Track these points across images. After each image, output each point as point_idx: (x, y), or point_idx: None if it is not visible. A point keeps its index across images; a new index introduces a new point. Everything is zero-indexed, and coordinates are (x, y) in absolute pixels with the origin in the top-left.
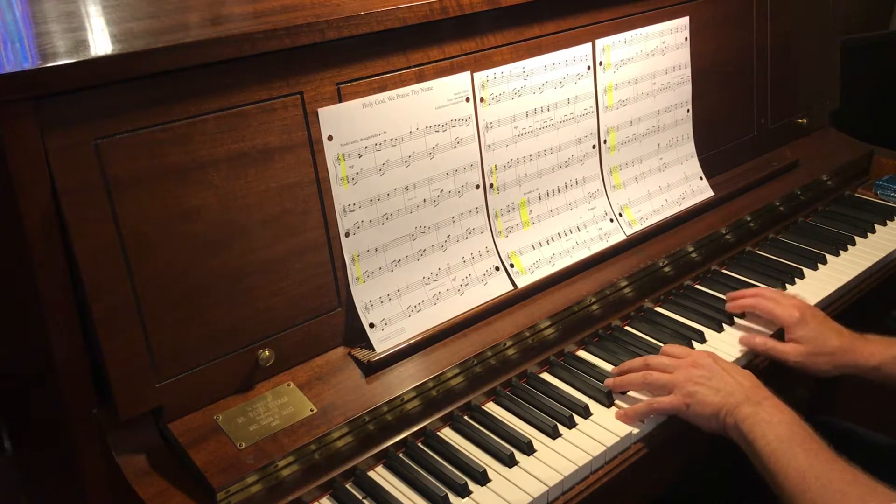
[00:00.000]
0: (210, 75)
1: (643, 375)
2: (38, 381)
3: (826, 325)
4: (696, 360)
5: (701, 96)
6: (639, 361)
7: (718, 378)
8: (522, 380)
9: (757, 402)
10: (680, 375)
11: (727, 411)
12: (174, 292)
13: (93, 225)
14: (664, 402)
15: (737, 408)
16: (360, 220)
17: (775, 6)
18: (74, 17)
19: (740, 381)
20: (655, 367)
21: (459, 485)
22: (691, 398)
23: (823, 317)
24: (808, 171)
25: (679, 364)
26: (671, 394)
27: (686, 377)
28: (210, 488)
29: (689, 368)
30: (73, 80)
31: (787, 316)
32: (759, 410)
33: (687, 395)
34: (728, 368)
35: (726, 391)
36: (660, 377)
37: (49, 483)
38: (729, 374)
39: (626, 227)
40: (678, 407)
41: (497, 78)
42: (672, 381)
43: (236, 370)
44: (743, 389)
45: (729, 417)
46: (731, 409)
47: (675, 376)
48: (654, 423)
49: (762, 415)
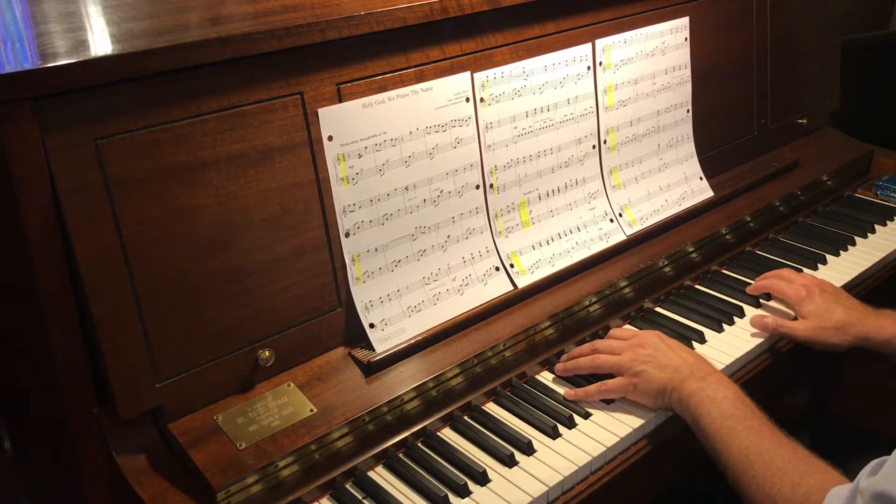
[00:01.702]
0: (210, 75)
1: (591, 359)
2: (38, 381)
3: (836, 300)
4: (641, 340)
5: (701, 96)
6: (587, 346)
7: (664, 355)
8: (522, 380)
9: (702, 378)
10: (626, 357)
11: (673, 387)
12: (174, 292)
13: (93, 225)
14: (612, 384)
15: (682, 383)
16: (360, 221)
17: (775, 6)
18: (74, 17)
19: (685, 358)
20: (603, 350)
21: (459, 485)
22: (638, 377)
23: (835, 292)
24: (808, 171)
25: (625, 346)
26: (619, 375)
27: (632, 357)
28: (210, 488)
29: (635, 349)
30: (73, 80)
31: (794, 293)
32: (704, 387)
33: (634, 374)
34: (673, 346)
35: (672, 367)
36: (607, 359)
37: (49, 483)
38: (674, 351)
39: (626, 228)
40: (626, 387)
41: (497, 78)
42: (619, 362)
43: (236, 370)
44: (688, 365)
45: (675, 393)
46: (676, 384)
47: (621, 358)
48: (654, 422)
49: (707, 391)
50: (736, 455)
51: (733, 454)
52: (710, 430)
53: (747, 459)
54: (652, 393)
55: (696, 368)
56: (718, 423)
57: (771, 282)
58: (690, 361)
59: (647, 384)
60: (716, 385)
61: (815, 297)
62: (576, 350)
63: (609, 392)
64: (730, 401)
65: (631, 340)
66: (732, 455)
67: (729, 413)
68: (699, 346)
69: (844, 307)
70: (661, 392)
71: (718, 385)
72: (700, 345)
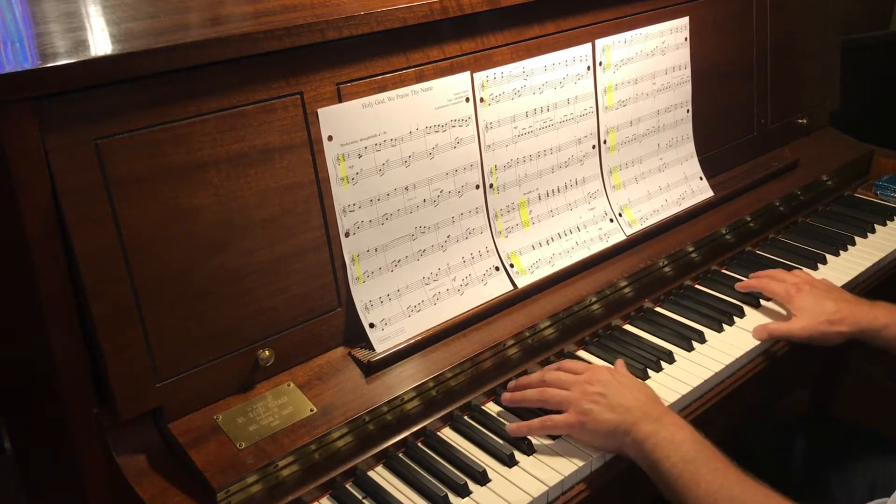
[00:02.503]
0: (210, 75)
1: (539, 392)
2: (38, 381)
3: (827, 294)
4: (591, 376)
5: (701, 96)
6: (536, 377)
7: (614, 394)
8: None
9: (656, 419)
10: (575, 392)
11: (624, 429)
12: (174, 292)
13: (93, 225)
14: (558, 421)
15: (634, 426)
16: (360, 221)
17: (775, 6)
18: (74, 17)
19: (636, 397)
20: (552, 382)
21: (459, 485)
22: (585, 416)
23: (826, 287)
24: (808, 171)
25: (575, 381)
26: (566, 412)
27: (581, 394)
28: (210, 488)
29: (584, 385)
30: (72, 80)
31: (783, 291)
32: (659, 429)
33: (581, 412)
34: (625, 383)
35: (622, 408)
36: (555, 394)
37: (49, 483)
38: (626, 389)
39: (625, 228)
40: (572, 425)
41: (497, 78)
42: (567, 398)
43: (236, 370)
44: (639, 405)
45: (627, 436)
46: (628, 427)
47: (570, 393)
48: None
49: (663, 434)
50: (704, 500)
51: (701, 499)
52: (670, 474)
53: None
54: (601, 433)
55: (650, 409)
56: (680, 468)
57: (761, 281)
58: (643, 401)
59: (596, 424)
60: (672, 427)
61: (805, 293)
62: (524, 379)
63: (554, 428)
64: (689, 442)
65: (581, 376)
66: (700, 500)
67: (690, 457)
68: (699, 345)
69: (835, 300)
70: (612, 433)
71: (674, 427)
72: (700, 345)
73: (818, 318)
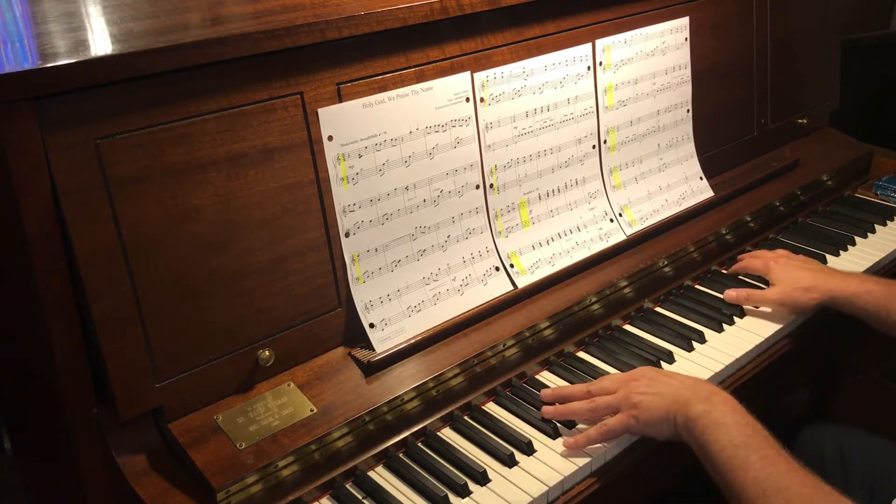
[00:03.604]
0: (210, 75)
1: (588, 402)
2: (38, 381)
3: (802, 265)
4: (633, 374)
5: (701, 96)
6: (579, 389)
7: (660, 383)
8: (522, 380)
9: (705, 398)
10: (622, 392)
11: (676, 411)
12: (174, 292)
13: (93, 225)
14: (613, 423)
15: (686, 406)
16: (360, 221)
17: (775, 6)
18: (74, 17)
19: (682, 380)
20: (597, 392)
21: (459, 485)
22: (636, 409)
23: (802, 259)
24: (808, 171)
25: (618, 384)
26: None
27: (627, 391)
28: (210, 488)
29: (628, 383)
30: (73, 80)
31: (761, 265)
32: (710, 410)
33: (631, 407)
34: (668, 374)
35: (671, 393)
36: (603, 400)
37: (49, 483)
38: (669, 377)
39: (626, 228)
40: (628, 423)
41: (497, 78)
42: (616, 399)
43: (236, 370)
44: (687, 387)
45: (679, 416)
46: (680, 407)
47: (617, 395)
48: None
49: (714, 415)
50: (751, 489)
51: (748, 488)
52: (720, 458)
53: (764, 494)
54: (654, 423)
55: (698, 389)
56: (730, 452)
57: (742, 263)
58: (689, 383)
59: (648, 414)
60: (722, 407)
61: (782, 264)
62: (565, 391)
63: (611, 432)
64: (740, 426)
65: (623, 376)
66: (747, 489)
67: (740, 441)
68: (699, 345)
69: (810, 270)
70: (665, 419)
71: (726, 408)
72: (700, 345)
73: (792, 286)
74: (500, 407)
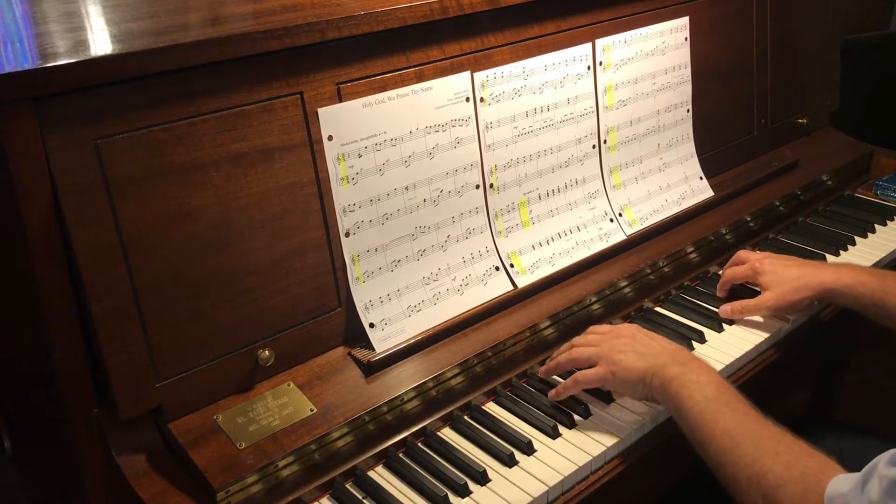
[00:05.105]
0: (210, 75)
1: (568, 353)
2: (38, 381)
3: (788, 261)
4: (618, 331)
5: (701, 96)
6: (565, 345)
7: (642, 344)
8: (522, 380)
9: (683, 363)
10: (604, 347)
11: (653, 373)
12: (174, 292)
13: (93, 225)
14: (589, 373)
15: (663, 369)
16: (360, 220)
17: (775, 6)
18: (74, 17)
19: (664, 345)
20: (580, 344)
21: (459, 485)
22: (616, 366)
23: (787, 257)
24: (808, 171)
25: (602, 338)
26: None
27: (610, 347)
28: (210, 488)
29: (611, 340)
30: (73, 80)
31: (749, 271)
32: (686, 370)
33: (611, 363)
34: (652, 336)
35: (651, 354)
36: (584, 351)
37: (49, 483)
38: (652, 339)
39: (626, 227)
40: (604, 376)
41: (497, 78)
42: (596, 352)
43: (236, 370)
44: (668, 352)
45: (655, 379)
46: (657, 370)
47: (599, 348)
48: (653, 422)
49: (689, 375)
50: (721, 437)
51: (717, 437)
52: (692, 413)
53: (733, 440)
54: (631, 381)
55: (677, 355)
56: (702, 406)
57: (727, 274)
58: (671, 349)
59: (626, 372)
60: (698, 370)
61: (767, 267)
62: (555, 353)
63: (587, 382)
64: (714, 384)
65: (608, 332)
66: (717, 437)
67: (713, 396)
68: (699, 345)
69: (798, 265)
70: (641, 379)
71: (701, 370)
72: (700, 345)
73: (784, 288)
74: (501, 407)
